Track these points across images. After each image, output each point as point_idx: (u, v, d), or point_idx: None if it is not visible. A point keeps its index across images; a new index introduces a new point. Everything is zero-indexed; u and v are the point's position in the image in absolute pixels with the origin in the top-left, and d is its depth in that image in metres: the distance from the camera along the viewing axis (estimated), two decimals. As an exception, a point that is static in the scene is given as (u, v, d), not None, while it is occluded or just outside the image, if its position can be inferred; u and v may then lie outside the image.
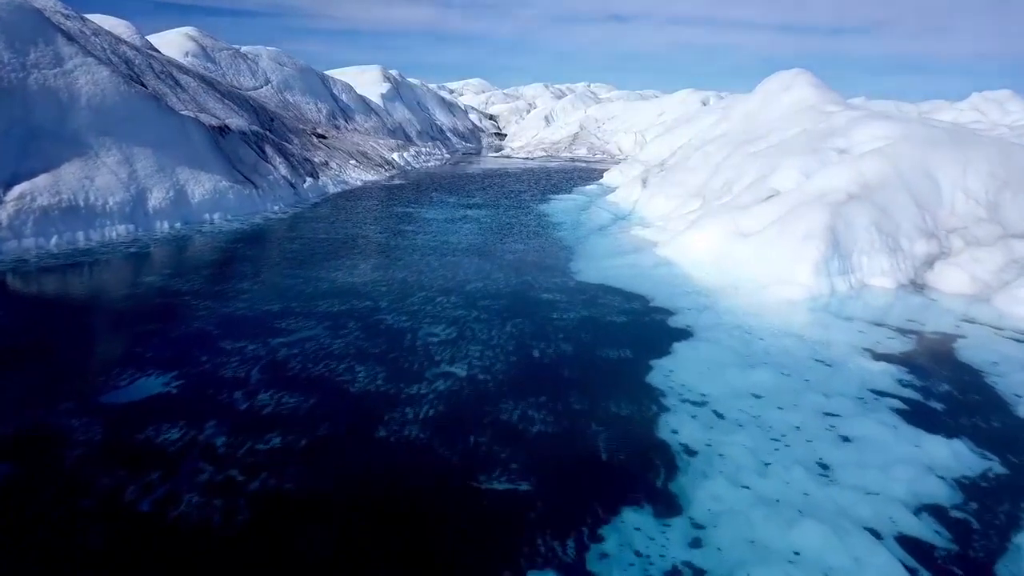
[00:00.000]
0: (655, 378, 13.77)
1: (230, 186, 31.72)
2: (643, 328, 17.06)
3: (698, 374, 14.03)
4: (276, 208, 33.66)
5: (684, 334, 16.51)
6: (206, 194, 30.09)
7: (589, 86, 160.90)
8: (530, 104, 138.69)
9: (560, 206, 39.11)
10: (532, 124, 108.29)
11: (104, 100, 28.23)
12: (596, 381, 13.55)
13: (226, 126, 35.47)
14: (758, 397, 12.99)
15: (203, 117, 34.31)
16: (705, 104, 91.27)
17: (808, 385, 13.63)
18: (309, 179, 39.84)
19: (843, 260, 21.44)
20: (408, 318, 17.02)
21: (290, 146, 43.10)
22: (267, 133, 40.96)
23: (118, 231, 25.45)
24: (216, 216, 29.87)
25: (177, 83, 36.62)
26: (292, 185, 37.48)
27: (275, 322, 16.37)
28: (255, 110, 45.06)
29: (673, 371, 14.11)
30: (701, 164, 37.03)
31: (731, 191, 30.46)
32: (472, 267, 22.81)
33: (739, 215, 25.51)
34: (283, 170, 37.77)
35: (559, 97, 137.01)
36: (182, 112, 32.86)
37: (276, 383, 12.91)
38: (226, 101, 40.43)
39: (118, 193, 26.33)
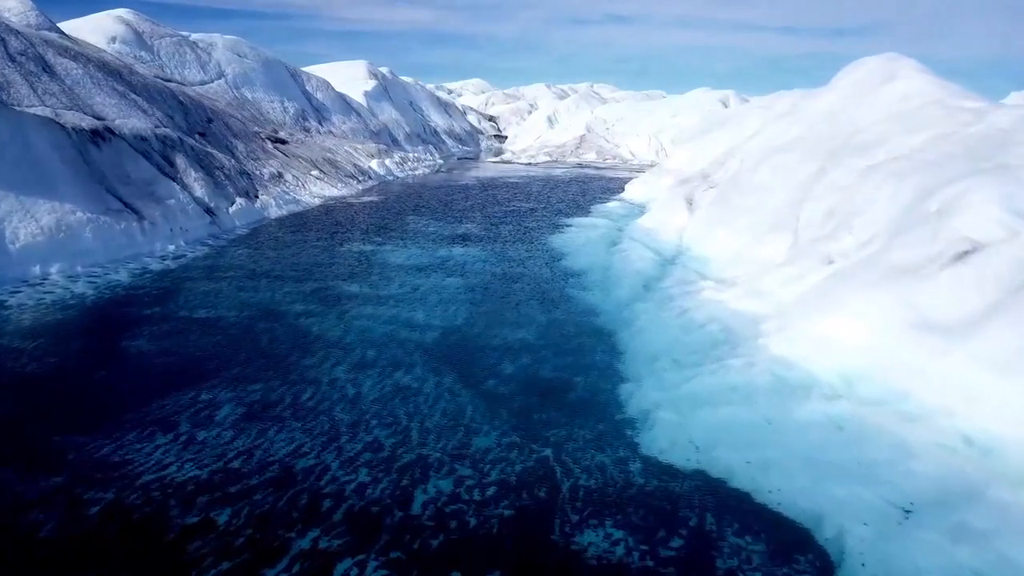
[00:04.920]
0: None
1: (91, 218, 20.15)
2: None
3: None
4: (171, 248, 22.07)
5: None
6: (39, 234, 18.52)
7: (592, 86, 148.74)
8: (531, 105, 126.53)
9: (579, 238, 27.52)
10: (534, 126, 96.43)
11: None
12: None
13: (108, 129, 23.84)
14: None
15: (70, 116, 22.70)
16: (725, 104, 79.61)
17: None
18: (241, 200, 28.22)
19: None
20: None
21: (224, 156, 31.46)
22: (188, 138, 29.31)
23: None
24: (55, 268, 18.31)
25: (47, 68, 24.99)
26: (210, 211, 25.87)
27: None
28: (184, 108, 33.40)
29: None
30: (775, 181, 25.45)
31: (850, 229, 18.91)
32: (439, 408, 11.23)
33: (912, 284, 13.92)
34: (199, 189, 26.16)
35: (562, 98, 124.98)
36: (26, 109, 21.25)
37: None
38: (132, 95, 28.79)
39: None
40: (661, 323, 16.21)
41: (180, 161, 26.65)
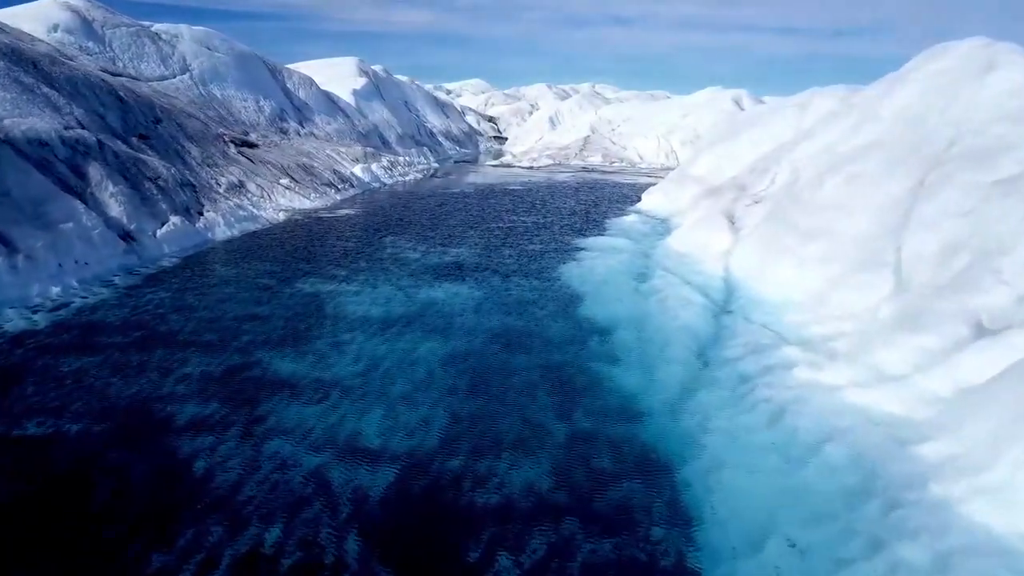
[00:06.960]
0: None
1: (-74, 261, 14.03)
2: None
3: None
4: (54, 291, 15.94)
5: None
6: None
7: (594, 86, 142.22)
8: (532, 105, 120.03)
9: (598, 267, 21.38)
10: (536, 127, 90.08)
11: None
12: None
13: (-17, 133, 17.71)
14: None
15: (-76, 116, 16.56)
16: (738, 104, 73.32)
17: None
18: (176, 219, 22.07)
19: None
20: None
21: (165, 164, 25.31)
22: (114, 143, 23.16)
23: None
24: None
25: (-86, 54, 18.89)
26: (128, 235, 19.75)
27: None
28: (123, 106, 27.23)
29: None
30: (852, 198, 19.35)
31: (998, 273, 12.85)
32: None
33: None
34: (115, 207, 20.05)
35: (563, 98, 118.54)
36: None
37: None
38: (44, 89, 22.65)
39: None
40: (746, 443, 10.03)
41: (94, 171, 20.51)
